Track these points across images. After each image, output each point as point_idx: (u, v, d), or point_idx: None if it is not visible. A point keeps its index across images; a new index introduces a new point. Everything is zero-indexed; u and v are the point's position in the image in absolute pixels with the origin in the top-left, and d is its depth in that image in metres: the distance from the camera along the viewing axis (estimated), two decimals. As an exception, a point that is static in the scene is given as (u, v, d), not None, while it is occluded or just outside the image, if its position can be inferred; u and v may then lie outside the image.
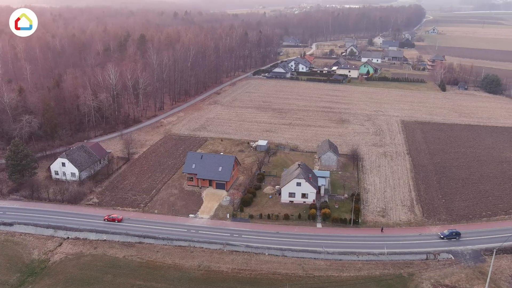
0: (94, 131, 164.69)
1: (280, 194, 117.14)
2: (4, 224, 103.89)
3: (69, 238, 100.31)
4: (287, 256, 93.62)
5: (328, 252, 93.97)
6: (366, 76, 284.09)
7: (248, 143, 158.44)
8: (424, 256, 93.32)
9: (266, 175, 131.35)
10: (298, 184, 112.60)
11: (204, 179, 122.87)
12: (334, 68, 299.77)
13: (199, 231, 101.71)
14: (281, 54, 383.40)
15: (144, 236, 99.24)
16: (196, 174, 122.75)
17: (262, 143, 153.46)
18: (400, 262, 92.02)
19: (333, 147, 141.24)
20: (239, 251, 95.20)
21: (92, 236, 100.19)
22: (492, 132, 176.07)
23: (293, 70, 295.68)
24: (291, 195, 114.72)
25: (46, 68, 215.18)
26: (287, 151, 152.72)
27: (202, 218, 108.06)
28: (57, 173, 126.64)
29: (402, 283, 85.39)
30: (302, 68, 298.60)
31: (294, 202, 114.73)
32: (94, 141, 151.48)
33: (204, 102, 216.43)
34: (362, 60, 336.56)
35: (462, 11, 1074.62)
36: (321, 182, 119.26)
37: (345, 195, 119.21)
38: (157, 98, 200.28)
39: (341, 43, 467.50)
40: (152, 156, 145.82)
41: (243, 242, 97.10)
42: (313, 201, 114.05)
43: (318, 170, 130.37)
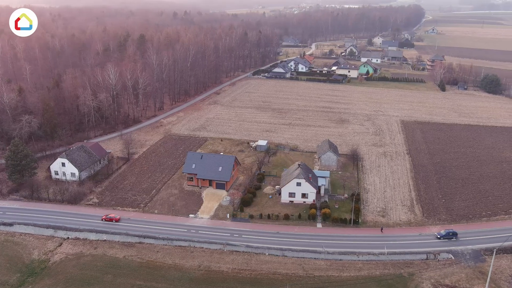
0: (94, 131, 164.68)
1: (280, 194, 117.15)
2: (4, 224, 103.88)
3: (69, 238, 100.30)
4: (287, 256, 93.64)
5: (328, 252, 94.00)
6: (365, 76, 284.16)
7: (248, 143, 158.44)
8: (424, 256, 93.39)
9: (266, 175, 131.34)
10: (298, 184, 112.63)
11: (204, 179, 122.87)
12: (334, 68, 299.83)
13: (199, 231, 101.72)
14: (280, 54, 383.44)
15: (144, 236, 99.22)
16: (196, 174, 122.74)
17: (262, 143, 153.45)
18: (400, 262, 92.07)
19: (333, 147, 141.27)
20: (239, 251, 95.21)
21: (92, 236, 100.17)
22: (491, 132, 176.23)
23: (292, 70, 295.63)
24: (291, 195, 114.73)
25: (45, 68, 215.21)
26: (287, 151, 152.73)
27: (202, 218, 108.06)
28: (57, 173, 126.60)
29: (402, 283, 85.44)
30: (301, 68, 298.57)
31: (294, 202, 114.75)
32: (94, 141, 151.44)
33: (203, 102, 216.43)
34: (361, 60, 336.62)
35: (462, 11, 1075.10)
36: (321, 182, 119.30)
37: (345, 195, 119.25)
38: (156, 98, 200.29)
39: (340, 43, 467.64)
40: (152, 156, 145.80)
41: (243, 242, 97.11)
42: (313, 201, 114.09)
43: (318, 170, 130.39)
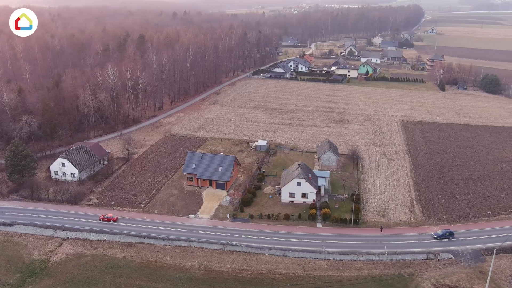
0: (93, 131, 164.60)
1: (280, 194, 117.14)
2: (4, 224, 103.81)
3: (69, 238, 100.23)
4: (287, 256, 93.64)
5: (328, 252, 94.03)
6: (365, 76, 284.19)
7: (248, 143, 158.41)
8: (424, 256, 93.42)
9: (266, 175, 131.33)
10: (298, 184, 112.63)
11: (204, 179, 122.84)
12: (333, 68, 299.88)
13: (199, 231, 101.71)
14: (280, 54, 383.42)
15: (145, 236, 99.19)
16: (196, 174, 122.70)
17: (262, 143, 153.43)
18: (400, 262, 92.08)
19: (333, 147, 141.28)
20: (239, 251, 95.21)
21: (92, 236, 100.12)
22: (491, 131, 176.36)
23: (292, 70, 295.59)
24: (291, 195, 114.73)
25: (45, 68, 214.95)
26: (287, 151, 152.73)
27: (202, 218, 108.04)
28: (56, 173, 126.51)
29: (402, 283, 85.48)
30: (301, 68, 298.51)
31: (294, 202, 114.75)
32: (93, 141, 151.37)
33: (203, 102, 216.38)
34: (361, 60, 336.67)
35: (461, 11, 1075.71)
36: (321, 182, 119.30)
37: (345, 195, 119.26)
38: (156, 98, 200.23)
39: (340, 43, 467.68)
40: (152, 156, 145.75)
41: (244, 242, 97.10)
42: (313, 201, 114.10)
43: (318, 170, 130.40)
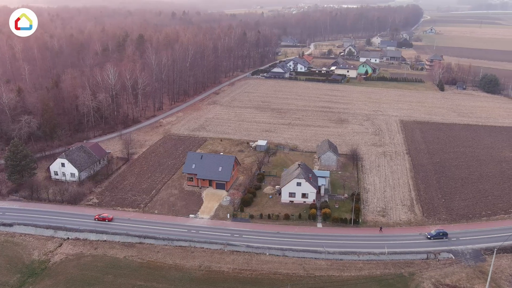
0: (93, 131, 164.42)
1: (280, 194, 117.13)
2: (4, 224, 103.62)
3: (69, 238, 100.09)
4: (288, 256, 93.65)
5: (329, 252, 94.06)
6: (364, 76, 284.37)
7: (248, 143, 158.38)
8: (424, 256, 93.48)
9: (266, 175, 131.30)
10: (298, 184, 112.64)
11: (204, 179, 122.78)
12: (333, 68, 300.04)
13: (200, 231, 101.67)
14: (279, 54, 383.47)
15: (145, 237, 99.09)
16: (196, 174, 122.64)
17: (262, 143, 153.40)
18: (400, 261, 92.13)
19: (332, 147, 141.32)
20: (239, 251, 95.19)
21: (92, 237, 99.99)
22: (490, 131, 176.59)
23: (291, 70, 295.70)
24: (291, 195, 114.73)
25: (44, 68, 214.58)
26: (286, 151, 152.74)
27: (202, 218, 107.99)
28: (56, 173, 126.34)
29: (403, 283, 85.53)
30: (300, 68, 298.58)
31: (294, 202, 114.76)
32: (93, 141, 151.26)
33: (203, 102, 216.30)
34: (360, 60, 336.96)
35: (460, 11, 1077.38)
36: (321, 182, 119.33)
37: (345, 195, 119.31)
38: (156, 98, 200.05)
39: (339, 43, 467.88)
40: (152, 156, 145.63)
41: (244, 242, 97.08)
42: (313, 201, 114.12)
43: (318, 170, 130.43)
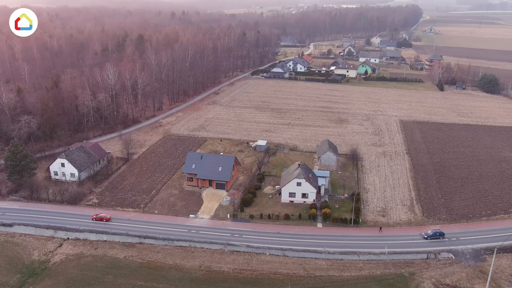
0: (93, 132, 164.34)
1: (280, 194, 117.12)
2: (4, 225, 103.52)
3: (69, 238, 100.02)
4: (288, 256, 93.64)
5: (329, 252, 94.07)
6: (364, 76, 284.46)
7: (248, 143, 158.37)
8: (424, 256, 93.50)
9: (266, 175, 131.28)
10: (298, 184, 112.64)
11: (204, 179, 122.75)
12: (332, 68, 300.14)
13: (200, 231, 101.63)
14: (279, 54, 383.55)
15: (145, 237, 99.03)
16: (196, 174, 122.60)
17: (262, 143, 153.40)
18: (401, 261, 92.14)
19: (332, 147, 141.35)
20: (240, 251, 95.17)
21: (92, 237, 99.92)
22: (490, 131, 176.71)
23: (291, 70, 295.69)
24: (291, 195, 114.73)
25: (44, 68, 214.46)
26: (286, 151, 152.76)
27: (202, 218, 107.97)
28: (56, 173, 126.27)
29: (403, 283, 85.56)
30: (300, 68, 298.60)
31: (294, 202, 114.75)
32: (93, 141, 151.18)
33: (202, 102, 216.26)
34: (360, 60, 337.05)
35: (459, 11, 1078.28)
36: (321, 182, 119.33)
37: (345, 195, 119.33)
38: (155, 98, 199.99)
39: (338, 43, 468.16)
40: (152, 156, 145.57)
41: (244, 242, 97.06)
42: (313, 201, 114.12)
43: (318, 170, 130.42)
